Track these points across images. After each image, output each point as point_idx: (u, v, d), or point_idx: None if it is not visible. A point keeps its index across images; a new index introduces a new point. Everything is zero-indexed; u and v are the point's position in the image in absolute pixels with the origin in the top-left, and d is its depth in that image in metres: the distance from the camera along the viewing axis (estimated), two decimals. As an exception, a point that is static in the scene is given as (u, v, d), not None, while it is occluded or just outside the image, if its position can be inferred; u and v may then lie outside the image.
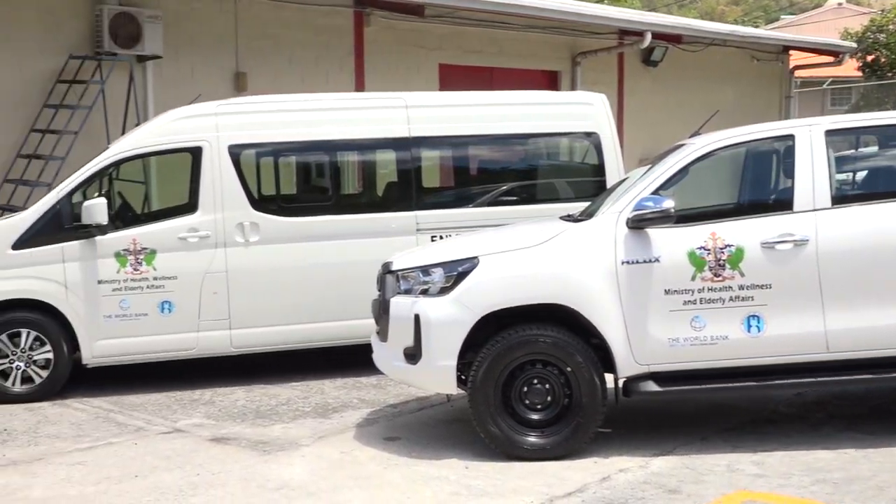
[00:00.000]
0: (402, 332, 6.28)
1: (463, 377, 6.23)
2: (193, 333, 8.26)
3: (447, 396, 7.18)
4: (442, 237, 8.47)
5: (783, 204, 6.34)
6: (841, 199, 6.28)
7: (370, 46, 13.70)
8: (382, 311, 6.56)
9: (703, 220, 6.31)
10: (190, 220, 8.29)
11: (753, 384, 6.19)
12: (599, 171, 9.19)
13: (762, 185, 7.24)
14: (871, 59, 29.37)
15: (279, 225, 8.43)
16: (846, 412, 7.03)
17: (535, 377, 6.09)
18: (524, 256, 6.21)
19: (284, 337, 8.46)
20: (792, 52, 20.35)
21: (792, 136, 6.40)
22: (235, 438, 6.78)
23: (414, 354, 6.20)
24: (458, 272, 6.17)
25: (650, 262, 6.06)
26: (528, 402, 6.11)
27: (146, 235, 8.20)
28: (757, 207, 6.78)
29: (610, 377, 6.21)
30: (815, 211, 6.15)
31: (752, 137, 6.63)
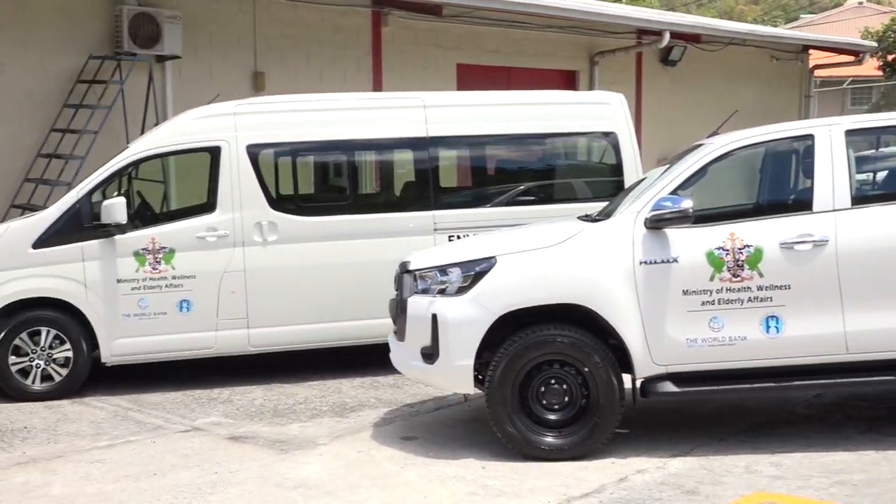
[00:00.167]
0: (419, 331, 6.28)
1: (480, 377, 6.23)
2: (211, 332, 8.30)
3: (464, 396, 7.18)
4: (459, 237, 8.47)
5: (802, 204, 6.30)
6: (861, 199, 6.24)
7: (388, 46, 13.71)
8: (400, 310, 6.56)
9: (721, 220, 6.28)
10: (208, 219, 8.33)
11: (772, 385, 6.16)
12: (617, 170, 9.16)
13: (781, 185, 7.21)
14: (891, 58, 29.18)
15: (297, 224, 8.45)
16: (866, 414, 6.99)
17: (552, 377, 6.08)
18: (542, 256, 6.20)
19: (302, 336, 8.48)
20: (811, 51, 20.23)
21: (811, 135, 6.37)
22: (253, 437, 6.80)
23: (431, 354, 6.20)
24: (475, 272, 6.17)
25: (668, 262, 6.04)
26: (545, 402, 6.10)
27: (165, 235, 8.23)
28: (776, 208, 6.75)
29: (627, 377, 6.19)
30: (834, 211, 6.11)
31: (771, 137, 6.60)
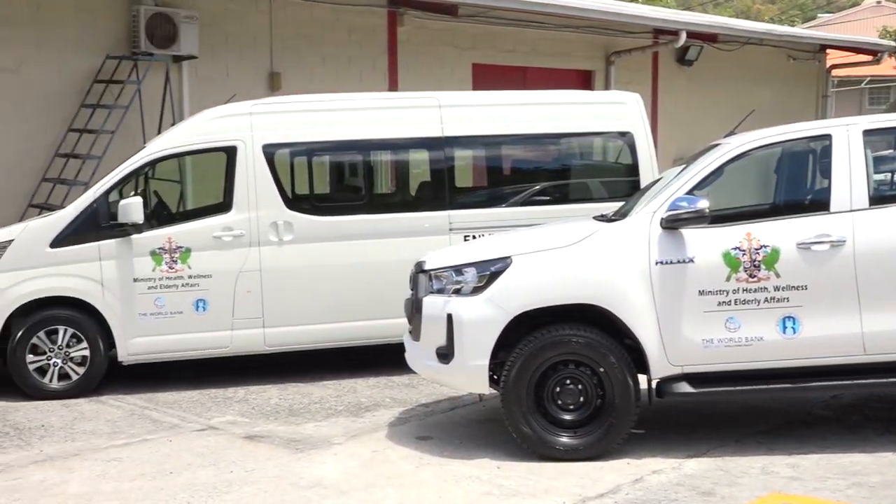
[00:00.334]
0: (434, 331, 6.28)
1: (495, 377, 6.23)
2: (227, 332, 8.32)
3: (479, 396, 7.18)
4: (475, 237, 8.47)
5: (819, 204, 6.28)
6: (879, 199, 6.20)
7: (403, 46, 13.72)
8: (415, 310, 6.57)
9: (738, 220, 6.27)
10: (224, 219, 8.35)
11: (788, 386, 6.14)
12: (633, 170, 9.15)
13: (798, 185, 7.17)
14: (909, 57, 28.98)
15: (313, 224, 8.46)
16: (883, 415, 6.95)
17: (567, 377, 6.08)
18: (557, 256, 6.19)
19: (317, 336, 8.49)
20: (829, 50, 20.12)
21: (829, 135, 6.34)
22: (269, 436, 6.82)
23: (446, 354, 6.20)
24: (490, 272, 6.17)
25: (684, 262, 6.03)
26: (560, 402, 6.09)
27: (181, 234, 8.26)
28: (793, 208, 6.73)
29: (643, 378, 6.18)
30: (852, 212, 6.08)
31: (788, 137, 6.57)
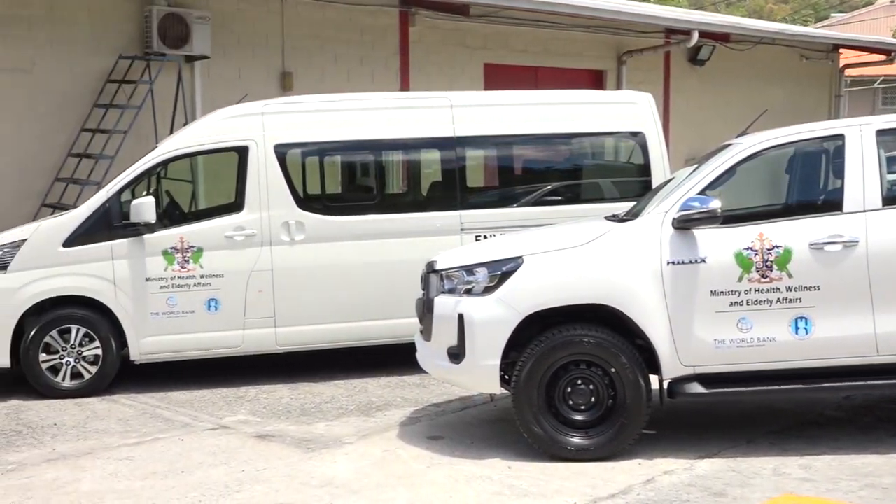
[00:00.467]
0: (445, 331, 6.28)
1: (506, 377, 6.23)
2: (239, 331, 8.34)
3: (490, 396, 7.18)
4: (486, 237, 8.47)
5: (832, 205, 6.26)
6: (892, 199, 6.16)
7: (415, 46, 13.72)
8: (426, 310, 6.57)
9: (750, 220, 6.25)
10: (236, 218, 8.37)
11: (801, 387, 6.12)
12: (645, 170, 9.13)
13: (811, 185, 7.15)
14: (923, 57, 28.83)
15: (324, 224, 8.48)
16: (896, 416, 6.93)
17: (578, 378, 6.07)
18: (569, 256, 6.18)
19: (328, 335, 8.51)
20: (842, 50, 20.04)
21: (842, 135, 6.31)
22: (280, 436, 6.83)
23: (457, 354, 6.20)
24: (502, 272, 6.16)
25: (696, 262, 6.01)
26: (571, 402, 6.08)
27: (193, 234, 8.28)
28: (805, 208, 6.71)
29: (654, 378, 6.17)
30: (865, 212, 6.06)
31: (800, 137, 6.55)
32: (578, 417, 6.09)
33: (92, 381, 8.15)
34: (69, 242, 8.13)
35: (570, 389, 6.07)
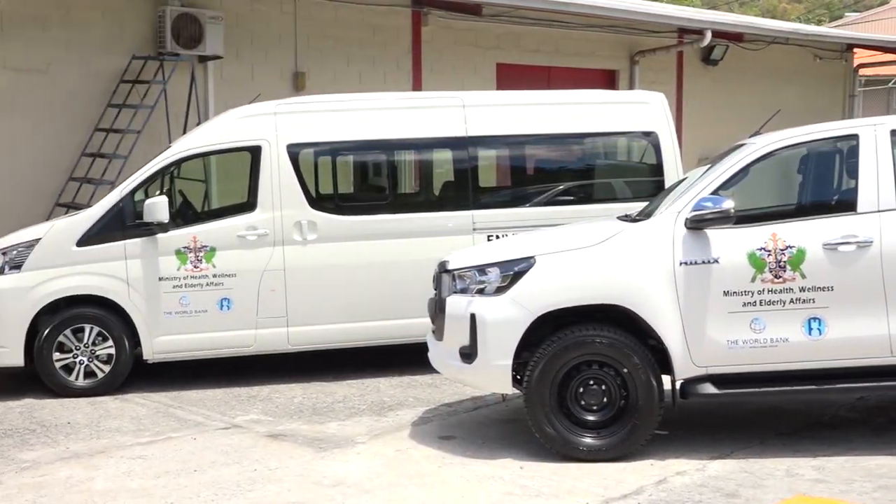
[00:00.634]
0: (457, 331, 6.28)
1: (518, 377, 6.22)
2: (251, 330, 8.36)
3: (502, 396, 7.17)
4: (498, 237, 8.46)
5: (846, 205, 6.23)
6: (907, 200, 6.14)
7: (427, 46, 13.74)
8: (438, 310, 6.57)
9: (763, 220, 6.22)
10: (249, 218, 8.39)
11: (814, 388, 6.09)
12: (658, 170, 9.11)
13: (824, 185, 7.11)
14: (938, 57, 28.67)
15: (336, 223, 8.49)
16: (910, 418, 6.90)
17: (591, 378, 6.06)
18: (581, 256, 6.17)
19: (340, 335, 8.52)
20: (856, 50, 19.96)
21: (856, 135, 6.29)
22: (292, 435, 6.84)
23: (469, 354, 6.20)
24: (514, 272, 6.16)
25: (709, 263, 6.00)
26: (583, 402, 6.08)
27: (206, 233, 8.30)
28: (819, 208, 6.68)
29: (667, 379, 6.15)
30: (879, 212, 6.03)
31: (814, 137, 6.52)
32: (590, 418, 6.08)
33: (105, 379, 8.18)
34: (83, 242, 8.17)
35: (582, 390, 6.07)
